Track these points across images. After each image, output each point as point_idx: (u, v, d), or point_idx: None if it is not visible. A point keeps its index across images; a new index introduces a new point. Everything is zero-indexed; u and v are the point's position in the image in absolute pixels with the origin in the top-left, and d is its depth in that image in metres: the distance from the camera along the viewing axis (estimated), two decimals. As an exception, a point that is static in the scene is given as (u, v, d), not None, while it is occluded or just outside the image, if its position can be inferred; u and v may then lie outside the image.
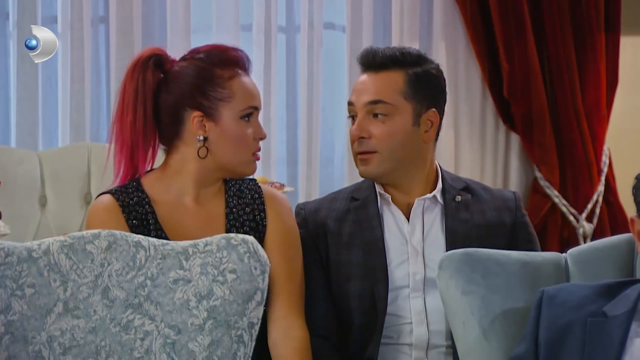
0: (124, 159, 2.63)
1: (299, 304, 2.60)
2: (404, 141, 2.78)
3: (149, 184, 2.63)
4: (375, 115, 2.77)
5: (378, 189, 2.83)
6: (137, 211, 2.58)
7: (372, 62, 2.81)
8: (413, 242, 2.78)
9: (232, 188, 2.68)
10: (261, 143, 2.70)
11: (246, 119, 2.60)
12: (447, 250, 2.70)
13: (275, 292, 2.57)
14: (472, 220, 2.79)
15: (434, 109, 2.81)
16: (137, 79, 2.60)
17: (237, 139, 2.60)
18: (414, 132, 2.79)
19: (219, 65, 2.60)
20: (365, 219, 2.80)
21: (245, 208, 2.66)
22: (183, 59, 2.64)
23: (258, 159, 2.65)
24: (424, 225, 2.79)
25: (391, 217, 2.81)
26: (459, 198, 2.81)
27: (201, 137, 2.59)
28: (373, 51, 2.83)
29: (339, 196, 2.89)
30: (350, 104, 2.82)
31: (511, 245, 2.72)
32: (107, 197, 2.60)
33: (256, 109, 2.63)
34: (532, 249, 2.78)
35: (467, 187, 2.85)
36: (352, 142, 2.81)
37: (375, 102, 2.77)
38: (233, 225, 2.61)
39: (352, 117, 2.82)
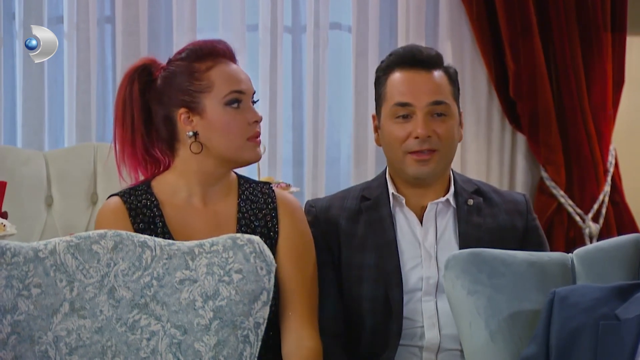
0: (124, 168, 2.67)
1: (312, 314, 2.60)
2: (456, 140, 2.81)
3: (158, 186, 2.65)
4: (436, 115, 2.76)
5: (392, 189, 2.81)
6: (145, 214, 2.59)
7: (422, 60, 2.79)
8: (426, 245, 2.77)
9: (245, 191, 2.68)
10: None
11: (234, 105, 2.60)
12: None
13: (288, 303, 2.57)
14: (484, 224, 2.79)
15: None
16: (124, 93, 2.65)
17: (224, 126, 2.60)
18: (459, 131, 2.82)
19: (196, 60, 2.62)
20: (378, 220, 2.79)
21: (257, 213, 2.65)
22: (168, 63, 2.67)
23: (257, 143, 2.63)
24: (437, 229, 2.79)
25: (404, 220, 2.81)
26: (471, 202, 2.81)
27: (190, 133, 2.61)
28: (422, 49, 2.82)
29: (349, 194, 2.88)
30: (405, 104, 2.76)
31: (522, 249, 2.71)
32: (115, 200, 2.62)
33: (241, 92, 2.61)
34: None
35: (478, 190, 2.85)
36: (404, 139, 2.76)
37: (438, 103, 2.76)
38: (245, 231, 2.61)
39: (401, 117, 2.77)
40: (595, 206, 4.50)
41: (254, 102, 2.66)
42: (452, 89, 2.80)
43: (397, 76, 2.80)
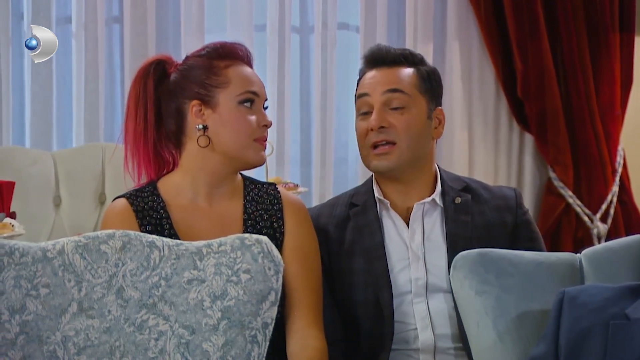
0: (131, 164, 2.68)
1: (317, 314, 2.60)
2: (420, 133, 2.78)
3: (164, 187, 2.65)
4: (393, 109, 2.76)
5: (377, 194, 2.82)
6: (152, 216, 2.59)
7: (385, 58, 2.82)
8: (413, 247, 2.77)
9: (251, 193, 2.68)
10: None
11: (246, 104, 2.61)
12: (448, 255, 2.70)
13: (293, 303, 2.57)
14: (472, 223, 2.78)
15: (440, 107, 2.83)
16: (138, 87, 2.66)
17: (235, 124, 2.60)
18: (428, 125, 2.80)
19: (215, 58, 2.64)
20: (365, 225, 2.80)
21: (263, 214, 2.65)
22: (185, 59, 2.69)
23: (263, 146, 2.64)
24: (424, 230, 2.78)
25: (390, 223, 2.81)
26: (458, 200, 2.80)
27: (200, 126, 2.62)
28: (385, 48, 2.85)
29: (339, 201, 2.89)
30: (363, 95, 2.80)
31: (513, 244, 2.72)
32: (122, 202, 2.62)
33: (255, 94, 2.63)
34: (534, 246, 2.77)
35: (467, 187, 2.84)
36: (365, 134, 2.78)
37: (393, 90, 2.76)
38: (250, 232, 2.61)
39: (364, 113, 2.81)
40: (604, 206, 4.50)
41: (265, 109, 2.68)
42: (421, 84, 2.80)
43: (365, 75, 2.85)
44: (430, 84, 2.81)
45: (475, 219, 2.79)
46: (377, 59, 2.83)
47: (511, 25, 4.40)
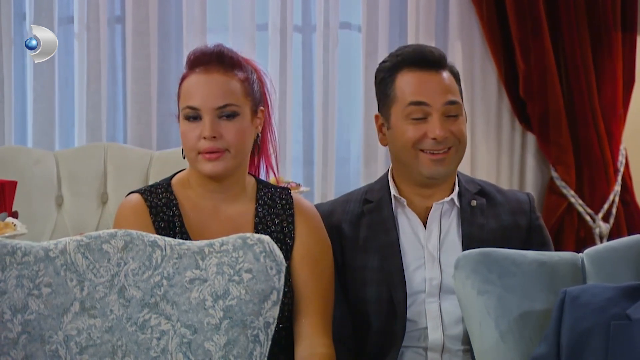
0: None
1: (326, 322, 2.59)
2: (466, 139, 2.79)
3: (177, 185, 2.65)
4: (450, 116, 2.74)
5: (393, 191, 2.80)
6: (165, 212, 2.59)
7: (433, 60, 2.76)
8: (429, 246, 2.76)
9: (263, 196, 2.67)
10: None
11: (190, 119, 2.58)
12: None
13: (302, 310, 2.57)
14: (487, 226, 2.77)
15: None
16: None
17: (182, 137, 2.61)
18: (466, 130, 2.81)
19: (186, 67, 2.63)
20: (380, 222, 2.78)
21: (274, 219, 2.65)
22: None
23: (207, 159, 2.57)
24: (441, 231, 2.78)
25: (406, 221, 2.79)
26: (474, 202, 2.80)
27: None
28: (429, 49, 2.80)
29: (352, 198, 2.87)
30: (421, 103, 2.73)
31: (525, 248, 2.71)
32: (136, 197, 2.62)
33: (192, 108, 2.57)
34: (546, 251, 2.77)
35: (482, 190, 2.84)
36: (419, 140, 2.73)
37: (452, 103, 2.75)
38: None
39: (416, 119, 2.74)
40: (606, 206, 4.50)
41: (231, 115, 2.58)
42: (459, 88, 2.79)
43: (408, 76, 2.76)
44: (461, 86, 2.82)
45: (490, 222, 2.78)
46: (423, 60, 2.76)
47: (513, 25, 4.40)
